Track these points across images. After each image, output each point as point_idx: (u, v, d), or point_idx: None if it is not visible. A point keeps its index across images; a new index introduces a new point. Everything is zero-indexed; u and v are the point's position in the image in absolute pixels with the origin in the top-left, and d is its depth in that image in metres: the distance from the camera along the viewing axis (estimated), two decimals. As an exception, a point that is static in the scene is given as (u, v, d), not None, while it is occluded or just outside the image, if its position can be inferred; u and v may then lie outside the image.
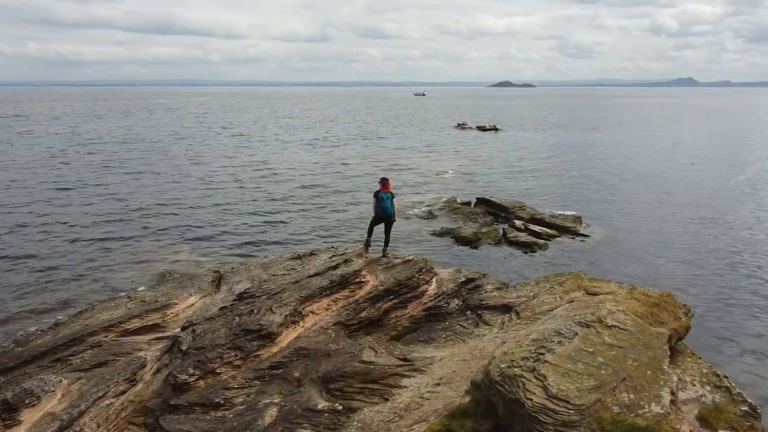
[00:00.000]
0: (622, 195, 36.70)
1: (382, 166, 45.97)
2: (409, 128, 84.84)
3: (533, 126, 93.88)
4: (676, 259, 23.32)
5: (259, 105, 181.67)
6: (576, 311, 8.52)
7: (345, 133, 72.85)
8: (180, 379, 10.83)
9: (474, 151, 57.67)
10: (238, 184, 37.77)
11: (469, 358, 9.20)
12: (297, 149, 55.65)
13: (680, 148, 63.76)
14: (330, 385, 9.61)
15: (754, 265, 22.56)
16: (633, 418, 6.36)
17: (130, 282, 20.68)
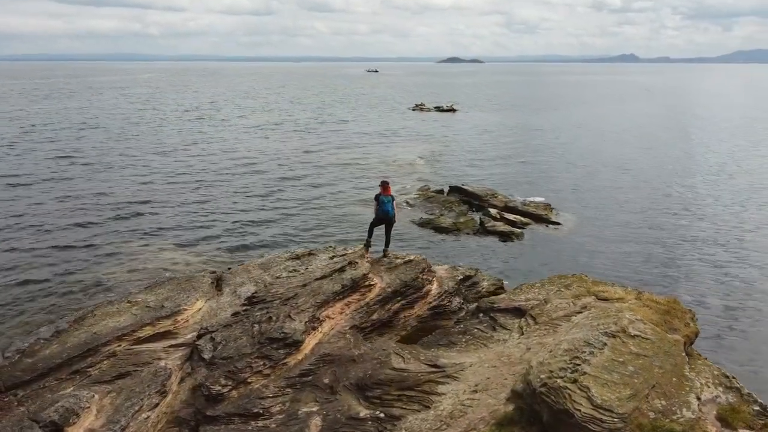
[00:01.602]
0: (586, 180, 38.27)
1: (351, 155, 46.27)
2: (369, 110, 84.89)
3: (490, 107, 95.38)
4: (642, 243, 24.81)
5: (211, 83, 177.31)
6: (598, 320, 9.38)
7: (306, 117, 72.41)
8: (214, 390, 11.23)
9: (436, 135, 58.45)
10: (212, 176, 37.28)
11: (498, 364, 9.97)
12: (263, 135, 55.05)
13: (635, 129, 66.28)
14: (367, 392, 10.22)
15: (718, 243, 24.26)
16: (670, 424, 7.26)
17: (119, 283, 20.63)
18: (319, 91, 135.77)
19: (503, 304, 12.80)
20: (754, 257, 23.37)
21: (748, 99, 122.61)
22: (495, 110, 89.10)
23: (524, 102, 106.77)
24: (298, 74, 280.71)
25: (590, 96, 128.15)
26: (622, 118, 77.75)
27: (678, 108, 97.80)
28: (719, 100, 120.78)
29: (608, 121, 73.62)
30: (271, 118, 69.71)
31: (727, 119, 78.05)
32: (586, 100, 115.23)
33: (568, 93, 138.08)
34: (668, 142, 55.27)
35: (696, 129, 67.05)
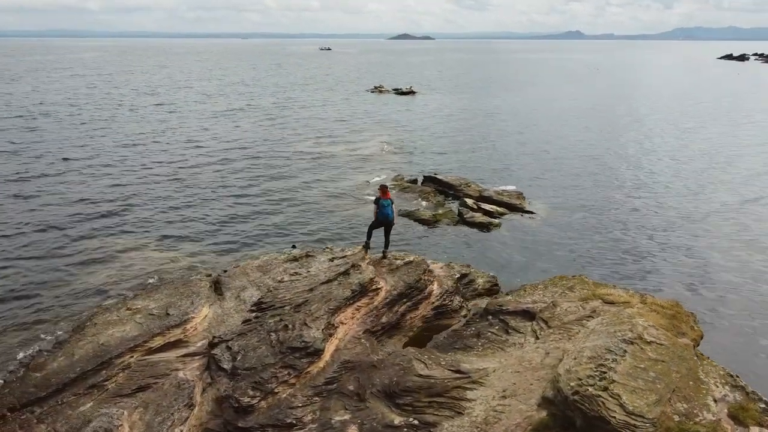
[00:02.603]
0: (551, 166, 39.54)
1: (319, 143, 46.19)
2: (329, 93, 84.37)
3: (448, 88, 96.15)
4: (612, 232, 26.11)
5: (161, 63, 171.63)
6: (614, 327, 10.19)
7: (267, 102, 71.40)
8: (243, 401, 11.59)
9: (400, 121, 58.83)
10: (184, 170, 36.45)
11: (521, 369, 10.69)
12: (227, 124, 54.03)
13: (590, 111, 68.22)
14: (397, 400, 10.79)
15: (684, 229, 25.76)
16: (694, 426, 8.12)
17: (109, 287, 20.48)
18: (275, 71, 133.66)
19: (511, 307, 13.54)
20: (713, 239, 24.96)
21: (691, 77, 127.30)
22: (453, 92, 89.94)
23: (480, 83, 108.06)
24: (248, 52, 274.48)
25: (543, 76, 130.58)
26: (576, 100, 79.83)
27: (627, 88, 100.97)
28: (665, 79, 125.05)
29: (564, 103, 75.52)
30: (232, 104, 68.50)
31: (674, 98, 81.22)
32: (540, 80, 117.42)
33: (522, 73, 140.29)
34: (624, 125, 57.38)
35: (646, 110, 69.62)
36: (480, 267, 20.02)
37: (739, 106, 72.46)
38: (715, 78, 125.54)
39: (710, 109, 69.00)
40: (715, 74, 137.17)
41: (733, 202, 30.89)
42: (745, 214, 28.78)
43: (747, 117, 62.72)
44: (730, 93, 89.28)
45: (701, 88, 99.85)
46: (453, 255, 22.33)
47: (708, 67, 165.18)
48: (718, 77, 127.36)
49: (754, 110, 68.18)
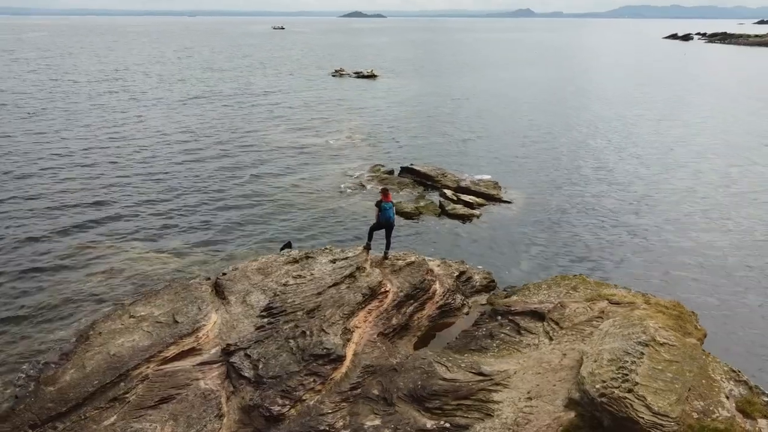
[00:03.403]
0: (520, 151, 40.62)
1: (287, 133, 45.93)
2: (290, 78, 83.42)
3: (408, 71, 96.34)
4: (587, 219, 27.32)
5: (109, 44, 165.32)
6: (626, 329, 11.02)
7: (228, 87, 70.08)
8: (274, 410, 12.00)
9: (365, 107, 58.91)
10: (155, 165, 35.55)
11: (542, 371, 11.43)
12: (190, 113, 52.74)
13: (551, 94, 69.74)
14: (426, 404, 11.39)
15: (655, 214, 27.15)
16: (713, 422, 9.01)
17: (101, 292, 20.29)
18: (232, 53, 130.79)
19: (519, 307, 14.28)
20: (674, 222, 26.45)
21: (644, 59, 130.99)
22: (414, 75, 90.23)
23: (439, 65, 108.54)
24: (199, 32, 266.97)
25: (500, 57, 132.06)
26: (536, 83, 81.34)
27: (585, 69, 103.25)
28: (618, 60, 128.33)
29: (524, 86, 76.94)
30: (192, 90, 67.02)
31: (630, 78, 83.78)
32: (498, 61, 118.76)
33: (479, 54, 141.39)
34: (587, 108, 59.08)
35: (603, 90, 71.69)
36: (468, 260, 20.75)
37: (702, 89, 75.30)
38: (666, 59, 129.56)
39: (669, 92, 71.56)
40: (666, 55, 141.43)
41: (710, 187, 32.56)
42: (722, 199, 30.44)
43: (713, 100, 65.38)
44: (689, 75, 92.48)
45: (657, 69, 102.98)
46: (440, 249, 22.99)
47: (656, 47, 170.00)
48: (669, 58, 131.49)
49: (719, 92, 71.05)
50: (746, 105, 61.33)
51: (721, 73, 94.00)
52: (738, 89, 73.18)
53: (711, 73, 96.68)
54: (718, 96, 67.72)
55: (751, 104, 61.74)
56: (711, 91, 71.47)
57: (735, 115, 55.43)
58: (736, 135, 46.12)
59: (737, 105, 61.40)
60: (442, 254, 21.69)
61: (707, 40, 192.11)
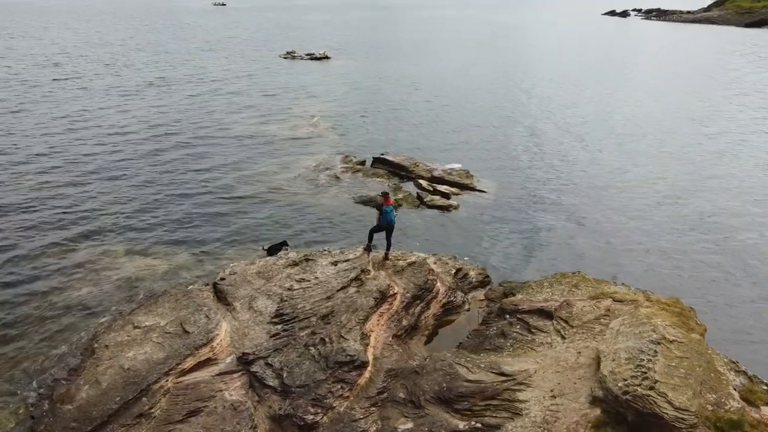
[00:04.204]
0: (485, 137, 41.61)
1: (248, 123, 45.13)
2: (240, 61, 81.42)
3: (361, 52, 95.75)
4: (562, 206, 28.63)
5: (34, 24, 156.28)
6: (637, 328, 12.03)
7: (178, 74, 67.63)
8: (308, 419, 12.49)
9: (323, 92, 58.50)
10: (120, 163, 33.57)
11: (560, 370, 12.33)
12: (144, 102, 50.28)
13: (509, 76, 71.05)
14: (455, 405, 12.12)
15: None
16: (726, 414, 10.09)
17: (96, 302, 20.00)
18: (175, 33, 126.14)
19: (526, 306, 15.15)
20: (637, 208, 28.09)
21: (589, 37, 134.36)
22: (366, 57, 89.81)
23: (389, 46, 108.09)
24: (135, 9, 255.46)
25: (447, 37, 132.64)
26: (490, 65, 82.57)
27: (535, 50, 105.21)
28: (563, 39, 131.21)
29: (474, 68, 77.95)
30: (141, 77, 64.63)
31: (578, 59, 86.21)
32: (446, 41, 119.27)
33: (427, 33, 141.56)
34: (540, 90, 60.68)
35: (560, 74, 73.61)
36: (456, 254, 21.55)
37: (659, 66, 78.17)
38: (608, 37, 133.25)
39: (620, 71, 74.15)
40: (607, 33, 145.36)
41: (681, 170, 34.40)
42: (691, 185, 32.28)
43: (671, 78, 68.10)
44: (634, 54, 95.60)
45: (602, 48, 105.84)
46: (426, 243, 23.63)
47: (597, 24, 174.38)
48: (611, 36, 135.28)
49: (675, 70, 73.97)
50: (704, 85, 64.35)
51: (667, 53, 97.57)
52: (689, 69, 76.45)
53: (656, 53, 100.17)
54: (675, 77, 70.63)
55: (708, 84, 64.80)
56: (663, 72, 74.40)
57: (699, 96, 58.17)
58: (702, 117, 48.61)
59: (695, 85, 64.34)
60: (428, 248, 22.34)
61: (644, 16, 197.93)
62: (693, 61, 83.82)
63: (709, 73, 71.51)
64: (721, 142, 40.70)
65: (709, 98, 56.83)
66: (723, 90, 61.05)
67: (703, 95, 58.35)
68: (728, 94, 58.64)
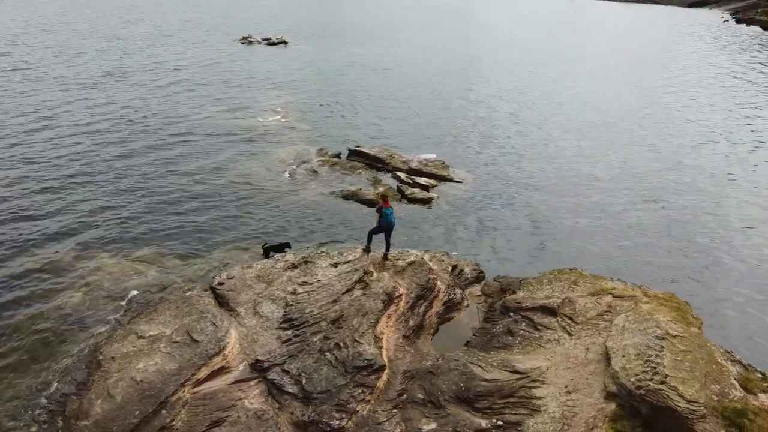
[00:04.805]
0: (454, 126, 42.35)
1: (212, 114, 44.27)
2: (195, 47, 79.24)
3: (318, 36, 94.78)
4: (537, 194, 29.65)
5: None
6: (641, 324, 12.90)
7: (132, 62, 65.52)
8: (334, 424, 12.94)
9: (286, 79, 57.89)
10: (92, 165, 32.39)
11: (572, 366, 13.11)
12: (104, 94, 48.04)
13: (464, 60, 71.80)
14: (475, 404, 12.77)
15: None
16: (731, 403, 11.04)
17: (90, 311, 19.72)
18: (123, 18, 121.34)
19: (528, 303, 15.89)
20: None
21: (535, 16, 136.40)
22: (325, 41, 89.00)
23: (344, 29, 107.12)
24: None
25: (399, 18, 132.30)
26: (438, 48, 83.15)
27: (483, 31, 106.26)
28: (514, 22, 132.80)
29: (429, 52, 78.47)
30: (96, 66, 62.18)
31: (530, 41, 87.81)
32: (398, 23, 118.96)
33: (379, 15, 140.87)
34: (496, 75, 61.78)
35: (508, 56, 74.88)
36: (445, 248, 22.21)
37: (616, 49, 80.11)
38: (559, 17, 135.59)
39: (575, 54, 75.82)
40: (558, 13, 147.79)
41: (652, 156, 35.83)
42: (666, 172, 33.73)
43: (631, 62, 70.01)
44: (594, 35, 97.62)
45: (553, 28, 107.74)
46: (414, 238, 24.18)
47: (547, 5, 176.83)
48: (561, 17, 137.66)
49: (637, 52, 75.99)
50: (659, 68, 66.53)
51: (619, 35, 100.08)
52: (641, 51, 78.76)
53: (609, 35, 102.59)
54: (630, 60, 72.71)
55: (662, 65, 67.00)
56: (619, 55, 76.46)
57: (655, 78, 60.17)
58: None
59: (650, 69, 66.48)
60: (416, 244, 22.94)
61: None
62: (643, 42, 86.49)
63: (662, 55, 74.05)
64: (689, 129, 42.55)
65: (665, 81, 58.99)
66: (683, 73, 63.40)
67: (660, 78, 60.50)
68: (693, 78, 60.99)
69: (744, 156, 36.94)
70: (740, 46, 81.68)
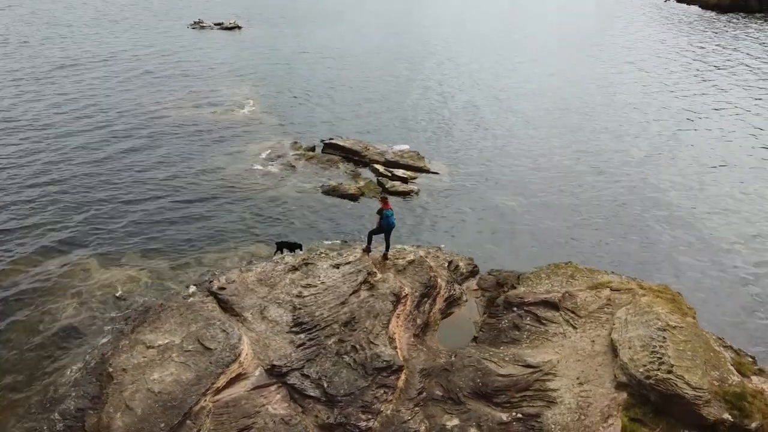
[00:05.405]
0: (426, 115, 42.85)
1: (173, 107, 43.16)
2: (145, 34, 76.40)
3: (270, 20, 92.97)
4: (512, 184, 30.72)
5: None
6: (642, 317, 13.96)
7: (85, 52, 63.09)
8: (362, 425, 13.55)
9: (245, 67, 56.85)
10: (56, 164, 31.49)
11: (580, 358, 14.06)
12: (57, 90, 46.18)
13: (411, 46, 72.08)
14: (494, 399, 13.61)
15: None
16: (731, 388, 12.20)
17: (88, 321, 19.61)
18: (65, 1, 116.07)
19: (530, 298, 16.77)
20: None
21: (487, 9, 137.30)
22: (278, 25, 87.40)
23: (296, 12, 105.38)
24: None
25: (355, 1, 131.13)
26: (404, 32, 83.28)
27: (432, 20, 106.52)
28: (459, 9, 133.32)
29: (378, 35, 78.46)
30: (45, 59, 58.88)
31: (487, 22, 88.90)
32: (355, 4, 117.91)
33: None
34: (444, 57, 62.61)
35: (467, 40, 75.74)
36: (434, 243, 22.95)
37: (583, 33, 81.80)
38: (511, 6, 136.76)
39: (520, 36, 77.36)
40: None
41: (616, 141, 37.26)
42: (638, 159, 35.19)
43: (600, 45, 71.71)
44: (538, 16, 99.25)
45: (506, 10, 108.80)
46: (403, 233, 24.68)
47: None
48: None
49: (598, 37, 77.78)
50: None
51: (563, 15, 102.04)
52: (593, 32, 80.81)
53: (557, 17, 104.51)
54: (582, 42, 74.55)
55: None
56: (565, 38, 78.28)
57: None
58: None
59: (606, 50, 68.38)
60: (404, 239, 23.49)
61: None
62: (588, 24, 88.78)
63: (603, 36, 76.33)
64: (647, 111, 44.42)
65: (610, 63, 61.00)
66: (637, 58, 65.55)
67: (606, 60, 62.52)
68: (636, 58, 63.18)
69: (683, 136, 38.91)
70: (678, 27, 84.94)
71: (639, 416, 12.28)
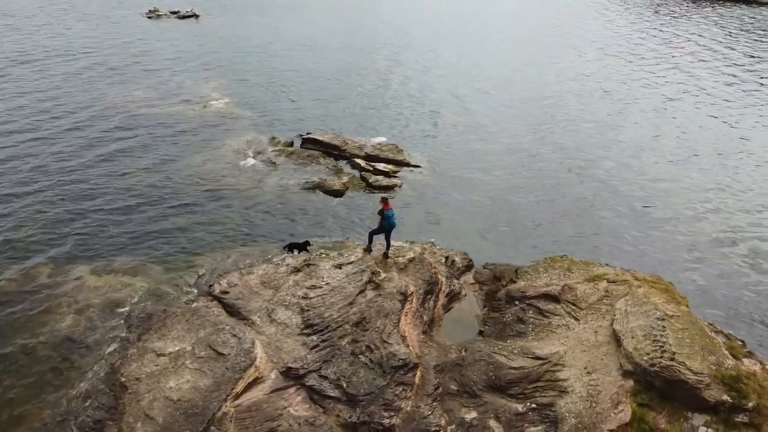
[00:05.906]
0: (398, 106, 43.29)
1: (153, 104, 42.55)
2: (99, 24, 73.68)
3: (228, 9, 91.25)
4: (493, 176, 31.61)
5: None
6: (641, 307, 14.96)
7: (38, 43, 60.73)
8: (385, 423, 14.17)
9: (212, 61, 55.70)
10: (37, 170, 30.91)
11: (586, 348, 14.97)
12: (19, 85, 44.67)
13: (375, 36, 72.19)
14: (508, 391, 14.41)
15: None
16: (728, 371, 13.30)
17: (89, 331, 19.50)
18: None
19: (531, 292, 17.62)
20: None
21: None
22: (237, 13, 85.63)
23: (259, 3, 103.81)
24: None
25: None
26: (371, 19, 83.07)
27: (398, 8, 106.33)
28: None
29: (358, 23, 78.30)
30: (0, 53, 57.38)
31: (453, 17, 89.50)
32: None
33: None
34: (410, 47, 63.03)
35: (428, 27, 76.26)
36: (422, 236, 23.61)
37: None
38: None
39: (482, 25, 78.30)
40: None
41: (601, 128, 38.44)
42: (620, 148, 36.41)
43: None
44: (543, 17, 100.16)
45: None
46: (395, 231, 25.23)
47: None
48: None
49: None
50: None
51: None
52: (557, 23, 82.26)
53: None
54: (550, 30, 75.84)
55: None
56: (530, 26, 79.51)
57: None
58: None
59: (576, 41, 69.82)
60: (397, 235, 24.02)
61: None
62: (552, 11, 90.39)
63: (570, 24, 78.03)
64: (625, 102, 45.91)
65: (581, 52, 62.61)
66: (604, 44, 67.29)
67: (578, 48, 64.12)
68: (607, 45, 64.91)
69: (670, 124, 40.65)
70: (644, 15, 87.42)
71: (646, 401, 13.28)
